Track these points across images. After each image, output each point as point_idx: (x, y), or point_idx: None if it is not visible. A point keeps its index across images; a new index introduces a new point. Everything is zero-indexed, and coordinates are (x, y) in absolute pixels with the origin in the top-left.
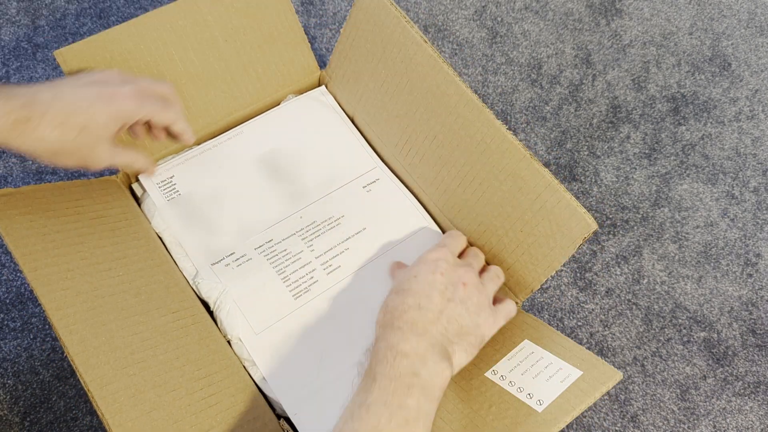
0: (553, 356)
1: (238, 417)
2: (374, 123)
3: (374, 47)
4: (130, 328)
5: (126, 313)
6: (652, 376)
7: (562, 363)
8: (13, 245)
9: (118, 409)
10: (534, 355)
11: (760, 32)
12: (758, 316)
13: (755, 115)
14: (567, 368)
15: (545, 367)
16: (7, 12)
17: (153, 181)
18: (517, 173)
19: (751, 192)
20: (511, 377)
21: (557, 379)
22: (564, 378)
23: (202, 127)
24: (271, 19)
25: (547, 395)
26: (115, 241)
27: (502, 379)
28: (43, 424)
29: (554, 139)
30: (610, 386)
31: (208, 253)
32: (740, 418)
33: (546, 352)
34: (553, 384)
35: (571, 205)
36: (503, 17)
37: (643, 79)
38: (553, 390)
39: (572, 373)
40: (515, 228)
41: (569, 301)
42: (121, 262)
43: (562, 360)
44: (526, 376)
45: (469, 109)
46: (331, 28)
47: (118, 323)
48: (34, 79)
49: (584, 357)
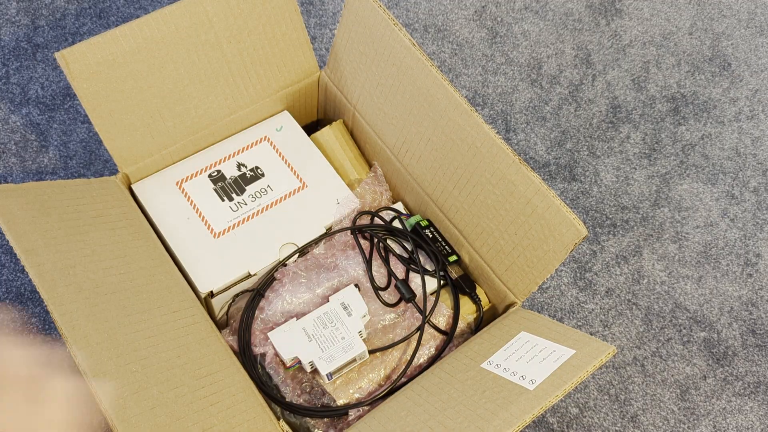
0: (547, 341)
1: (238, 416)
2: (373, 123)
3: (366, 49)
4: (132, 326)
5: (128, 311)
6: (652, 376)
7: (555, 345)
8: (15, 241)
9: (121, 405)
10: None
11: (760, 32)
12: (758, 316)
13: (755, 115)
14: (560, 349)
15: (539, 351)
16: (7, 12)
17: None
18: (507, 177)
19: (751, 192)
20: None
21: (551, 360)
22: (557, 358)
23: (203, 126)
24: (276, 20)
25: (539, 375)
26: (116, 240)
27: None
28: None
29: (554, 139)
30: (603, 360)
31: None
32: (740, 418)
33: (540, 339)
34: (546, 364)
35: (561, 211)
36: (503, 17)
37: (643, 79)
38: (545, 369)
39: (565, 353)
40: (509, 231)
41: (569, 301)
42: (122, 261)
43: (556, 343)
44: (520, 362)
45: (459, 113)
46: (331, 28)
47: (120, 320)
48: (33, 79)
49: (577, 338)
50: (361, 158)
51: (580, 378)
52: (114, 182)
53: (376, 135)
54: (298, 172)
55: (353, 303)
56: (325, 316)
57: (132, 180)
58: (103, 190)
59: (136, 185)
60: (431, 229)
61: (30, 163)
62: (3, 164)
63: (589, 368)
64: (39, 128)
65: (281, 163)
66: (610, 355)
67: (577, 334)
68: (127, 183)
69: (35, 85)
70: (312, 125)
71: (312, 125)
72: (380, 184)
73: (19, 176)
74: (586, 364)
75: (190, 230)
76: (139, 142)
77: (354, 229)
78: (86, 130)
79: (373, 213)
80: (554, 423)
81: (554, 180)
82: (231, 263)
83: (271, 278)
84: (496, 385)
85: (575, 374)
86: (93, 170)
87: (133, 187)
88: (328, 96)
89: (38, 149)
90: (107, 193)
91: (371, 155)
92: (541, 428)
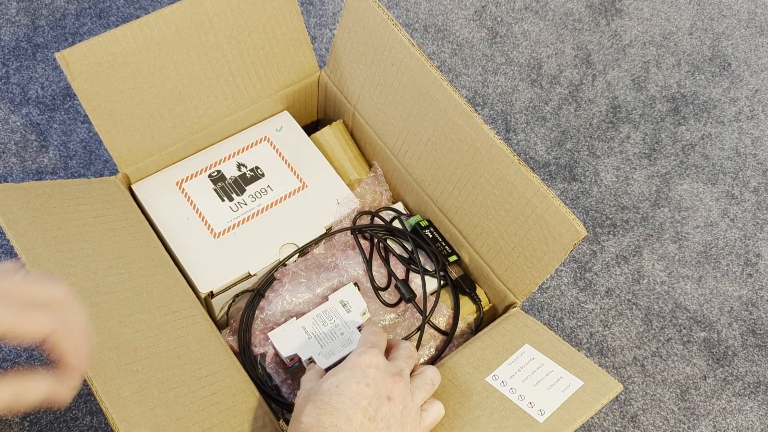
0: (554, 364)
1: (239, 416)
2: (373, 123)
3: (366, 49)
4: (132, 326)
5: (128, 311)
6: (652, 376)
7: (563, 371)
8: (15, 240)
9: (122, 404)
10: (535, 362)
11: (760, 32)
12: (758, 316)
13: (755, 115)
14: (568, 377)
15: (546, 374)
16: (7, 12)
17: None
18: (507, 178)
19: (751, 192)
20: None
21: (558, 388)
22: (565, 388)
23: (203, 126)
24: (276, 20)
25: (548, 405)
26: (116, 240)
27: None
28: (43, 424)
29: (554, 139)
30: (610, 397)
31: None
32: (740, 418)
33: (547, 359)
34: (555, 394)
35: (561, 212)
36: (503, 17)
37: (643, 79)
38: (554, 400)
39: (573, 383)
40: (509, 231)
41: (569, 301)
42: (122, 261)
43: (563, 368)
44: (527, 384)
45: (458, 113)
46: (331, 28)
47: (121, 320)
48: (33, 79)
49: (585, 366)
50: (361, 158)
51: (588, 416)
52: (114, 182)
53: (376, 135)
54: (298, 172)
55: (352, 300)
56: (324, 314)
57: (132, 180)
58: (103, 190)
59: (136, 185)
60: (431, 229)
61: (30, 163)
62: (3, 164)
63: (597, 406)
64: (39, 128)
65: (281, 163)
66: (617, 392)
67: (584, 360)
68: (127, 183)
69: (35, 85)
70: (312, 125)
71: (312, 125)
72: (380, 184)
73: (19, 176)
74: (595, 402)
75: (190, 230)
76: (139, 142)
77: (354, 229)
78: (86, 130)
79: (373, 213)
80: None
81: (554, 180)
82: (231, 263)
83: (271, 278)
84: (504, 408)
85: (584, 411)
86: (93, 170)
87: (133, 187)
88: (328, 96)
89: (38, 149)
90: (107, 193)
91: (371, 155)
92: None
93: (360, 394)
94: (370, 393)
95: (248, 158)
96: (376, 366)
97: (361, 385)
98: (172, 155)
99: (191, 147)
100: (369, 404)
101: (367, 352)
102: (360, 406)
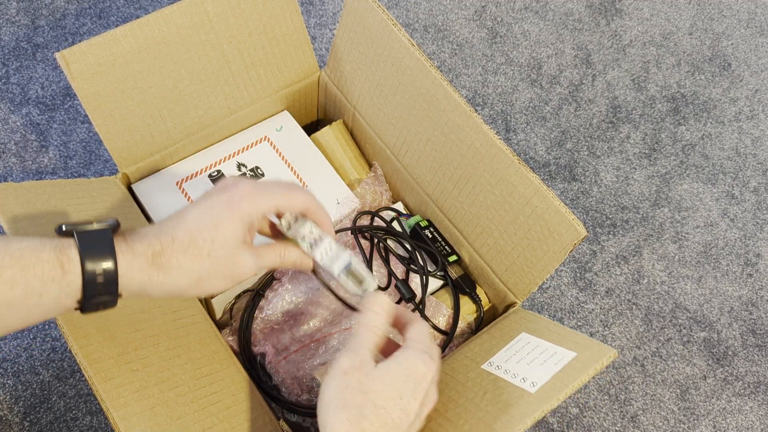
0: (548, 343)
1: (238, 416)
2: (373, 123)
3: (366, 49)
4: (132, 325)
5: (128, 310)
6: (652, 376)
7: (556, 348)
8: None
9: (122, 403)
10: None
11: (760, 32)
12: (758, 316)
13: (755, 115)
14: (561, 351)
15: (540, 353)
16: (7, 12)
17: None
18: (507, 178)
19: (751, 192)
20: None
21: (552, 362)
22: (558, 361)
23: (203, 126)
24: (276, 20)
25: (540, 377)
26: None
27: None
28: (43, 424)
29: (554, 139)
30: (604, 363)
31: None
32: (740, 418)
33: (541, 341)
34: (548, 367)
35: (560, 212)
36: (503, 17)
37: (643, 79)
38: (546, 372)
39: (566, 356)
40: (509, 231)
41: (569, 301)
42: None
43: (557, 345)
44: (521, 364)
45: (458, 113)
46: (331, 28)
47: (121, 319)
48: (33, 79)
49: (578, 340)
50: (361, 158)
51: (582, 381)
52: (114, 182)
53: (376, 135)
54: (298, 172)
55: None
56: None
57: (132, 180)
58: (103, 190)
59: (136, 185)
60: (431, 229)
61: (30, 163)
62: (3, 164)
63: (591, 371)
64: (39, 128)
65: (281, 163)
66: (611, 358)
67: (578, 336)
68: (127, 183)
69: (35, 85)
70: (312, 125)
71: (312, 125)
72: (380, 184)
73: (19, 176)
74: (588, 368)
75: None
76: (139, 142)
77: (354, 230)
78: (86, 130)
79: (373, 213)
80: (554, 423)
81: (554, 180)
82: None
83: (271, 278)
84: (497, 386)
85: (577, 377)
86: (93, 170)
87: (133, 187)
88: (328, 96)
89: (38, 149)
90: (108, 193)
91: (371, 155)
92: (541, 428)
93: (411, 410)
94: (417, 407)
95: (248, 158)
96: (432, 380)
97: (417, 401)
98: (172, 155)
99: (191, 147)
100: (416, 417)
101: (426, 363)
102: (407, 421)
